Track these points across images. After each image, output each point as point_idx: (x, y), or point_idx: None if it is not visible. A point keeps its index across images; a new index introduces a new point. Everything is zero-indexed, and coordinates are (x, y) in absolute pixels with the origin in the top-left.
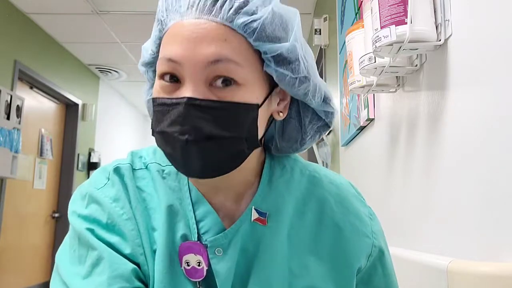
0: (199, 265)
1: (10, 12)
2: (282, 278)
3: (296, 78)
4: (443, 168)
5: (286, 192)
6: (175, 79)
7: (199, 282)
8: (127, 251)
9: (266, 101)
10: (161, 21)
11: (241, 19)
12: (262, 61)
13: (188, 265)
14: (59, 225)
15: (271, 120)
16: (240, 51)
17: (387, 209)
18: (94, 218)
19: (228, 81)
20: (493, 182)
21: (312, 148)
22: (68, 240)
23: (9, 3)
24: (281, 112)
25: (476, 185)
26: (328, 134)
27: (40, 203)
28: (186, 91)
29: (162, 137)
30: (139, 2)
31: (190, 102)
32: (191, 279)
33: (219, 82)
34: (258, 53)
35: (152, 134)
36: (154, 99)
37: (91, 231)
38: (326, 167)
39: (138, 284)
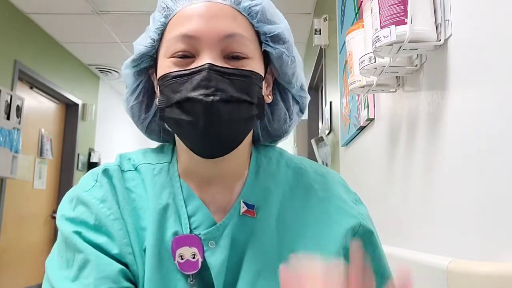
0: (194, 258)
1: (10, 12)
2: (272, 268)
3: (289, 56)
4: (443, 168)
5: (273, 184)
6: (186, 55)
7: (192, 275)
8: (115, 251)
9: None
10: (167, 7)
11: (246, 3)
12: (260, 43)
13: (182, 259)
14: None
15: None
16: (247, 29)
17: (387, 209)
18: (81, 220)
19: (240, 56)
20: (493, 182)
21: (312, 148)
22: (56, 247)
23: (9, 3)
24: (268, 95)
25: (476, 185)
26: (328, 134)
27: (40, 203)
28: (205, 60)
29: (183, 105)
30: (139, 2)
31: (212, 67)
32: (185, 272)
33: (231, 56)
34: (257, 34)
35: (161, 112)
36: (166, 75)
37: (78, 233)
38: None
39: (126, 284)
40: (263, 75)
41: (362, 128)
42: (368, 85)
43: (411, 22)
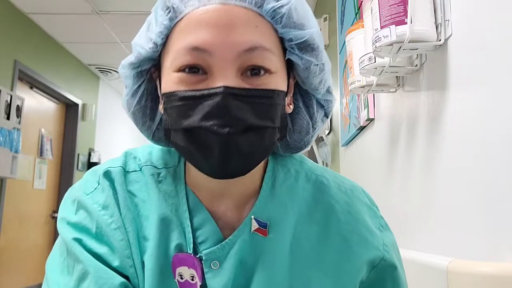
0: (192, 280)
1: (10, 12)
2: None
3: (317, 65)
4: (443, 168)
5: (289, 200)
6: (196, 71)
7: None
8: (115, 263)
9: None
10: (173, 8)
11: (270, 4)
12: (284, 50)
13: (182, 278)
14: None
15: None
16: (270, 38)
17: (387, 209)
18: (82, 226)
19: (260, 71)
20: (493, 182)
21: (312, 148)
22: (58, 248)
23: (9, 3)
24: (290, 104)
25: (476, 185)
26: (328, 134)
27: (40, 203)
28: (219, 81)
29: (191, 134)
30: (139, 2)
31: (228, 91)
32: None
33: (251, 71)
34: (281, 40)
35: (167, 134)
36: (172, 93)
37: (79, 241)
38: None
39: None
40: (286, 89)
41: (362, 128)
42: (368, 85)
43: (411, 22)
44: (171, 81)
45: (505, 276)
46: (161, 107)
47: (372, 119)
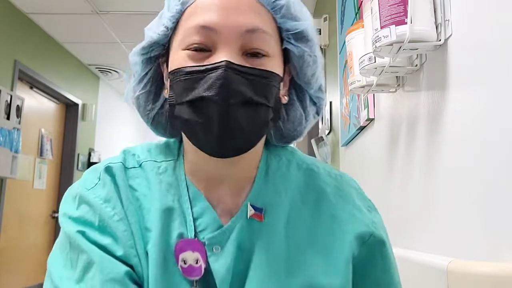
0: (196, 263)
1: (10, 12)
2: (279, 275)
3: (311, 56)
4: (443, 168)
5: (283, 187)
6: (202, 49)
7: (195, 281)
8: (119, 253)
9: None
10: None
11: None
12: (281, 40)
13: (185, 263)
14: (59, 225)
15: None
16: (269, 25)
17: (387, 209)
18: (85, 220)
19: (260, 54)
20: (493, 182)
21: (312, 148)
22: (59, 244)
23: (9, 3)
24: (284, 95)
25: (476, 185)
26: (328, 134)
27: (40, 203)
28: (223, 57)
29: (195, 105)
30: (139, 2)
31: (230, 65)
32: (188, 277)
33: (251, 54)
34: (279, 31)
35: (171, 109)
36: (180, 69)
37: (82, 233)
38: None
39: (133, 286)
40: (282, 75)
41: (362, 128)
42: (368, 85)
43: (411, 22)
44: (178, 58)
45: (505, 276)
46: (165, 91)
47: (372, 119)
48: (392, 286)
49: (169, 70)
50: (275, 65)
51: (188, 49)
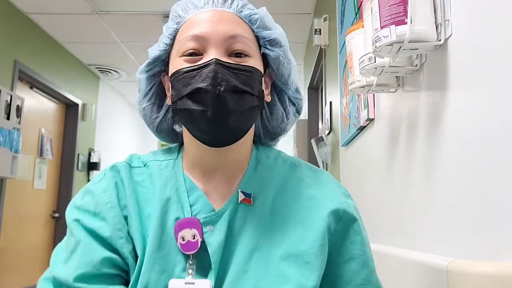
0: (194, 238)
1: (10, 12)
2: (264, 247)
3: (285, 58)
4: (443, 168)
5: (270, 176)
6: (195, 54)
7: (192, 254)
8: (106, 234)
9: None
10: (179, 15)
11: (247, 11)
12: (259, 47)
13: (183, 240)
14: (59, 225)
15: None
16: (248, 33)
17: (387, 209)
18: (85, 208)
19: (242, 54)
20: (493, 182)
21: (312, 148)
22: (66, 235)
23: (9, 3)
24: (267, 95)
25: (476, 184)
26: (328, 134)
27: (40, 203)
28: (212, 56)
29: (193, 96)
30: (139, 2)
31: (218, 62)
32: (186, 252)
33: (235, 55)
34: (257, 40)
35: (174, 106)
36: (178, 71)
37: (77, 221)
38: (326, 167)
39: (107, 271)
40: (262, 71)
41: (362, 128)
42: (368, 85)
43: (411, 22)
44: (176, 64)
45: (505, 276)
46: (168, 99)
47: (372, 119)
48: (364, 258)
49: (169, 74)
50: (255, 63)
51: (183, 56)
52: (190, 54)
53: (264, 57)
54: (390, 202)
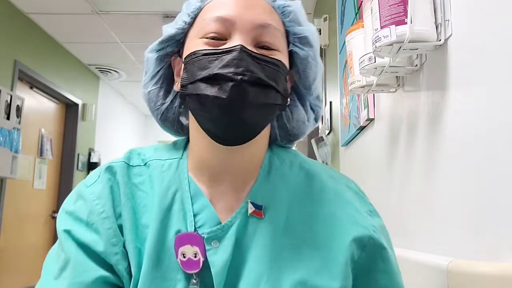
0: (195, 257)
1: (10, 12)
2: (275, 271)
3: (314, 60)
4: (443, 168)
5: (283, 185)
6: (218, 38)
7: (195, 273)
8: (100, 249)
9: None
10: None
11: (281, 2)
12: (288, 43)
13: (184, 257)
14: None
15: None
16: (279, 25)
17: (387, 209)
18: (76, 215)
19: (270, 47)
20: (493, 182)
21: (312, 148)
22: (58, 241)
23: (9, 3)
24: (289, 98)
25: (476, 184)
26: (328, 134)
27: (40, 203)
28: (237, 42)
29: (209, 81)
30: (139, 2)
31: (244, 49)
32: (187, 271)
33: (262, 45)
34: (286, 34)
35: (183, 90)
36: (196, 52)
37: (68, 232)
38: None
39: None
40: (288, 68)
41: (362, 128)
42: (368, 85)
43: (411, 22)
44: (195, 44)
45: (505, 276)
46: (176, 85)
47: (372, 119)
48: None
49: (184, 56)
50: (283, 58)
51: (204, 37)
52: (212, 38)
53: (291, 55)
54: (390, 202)
